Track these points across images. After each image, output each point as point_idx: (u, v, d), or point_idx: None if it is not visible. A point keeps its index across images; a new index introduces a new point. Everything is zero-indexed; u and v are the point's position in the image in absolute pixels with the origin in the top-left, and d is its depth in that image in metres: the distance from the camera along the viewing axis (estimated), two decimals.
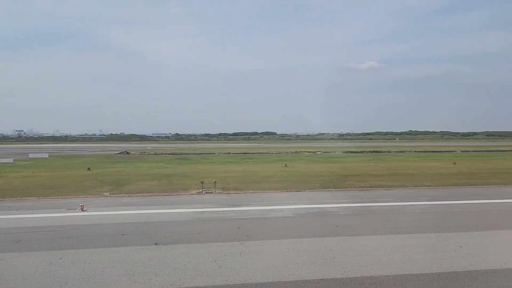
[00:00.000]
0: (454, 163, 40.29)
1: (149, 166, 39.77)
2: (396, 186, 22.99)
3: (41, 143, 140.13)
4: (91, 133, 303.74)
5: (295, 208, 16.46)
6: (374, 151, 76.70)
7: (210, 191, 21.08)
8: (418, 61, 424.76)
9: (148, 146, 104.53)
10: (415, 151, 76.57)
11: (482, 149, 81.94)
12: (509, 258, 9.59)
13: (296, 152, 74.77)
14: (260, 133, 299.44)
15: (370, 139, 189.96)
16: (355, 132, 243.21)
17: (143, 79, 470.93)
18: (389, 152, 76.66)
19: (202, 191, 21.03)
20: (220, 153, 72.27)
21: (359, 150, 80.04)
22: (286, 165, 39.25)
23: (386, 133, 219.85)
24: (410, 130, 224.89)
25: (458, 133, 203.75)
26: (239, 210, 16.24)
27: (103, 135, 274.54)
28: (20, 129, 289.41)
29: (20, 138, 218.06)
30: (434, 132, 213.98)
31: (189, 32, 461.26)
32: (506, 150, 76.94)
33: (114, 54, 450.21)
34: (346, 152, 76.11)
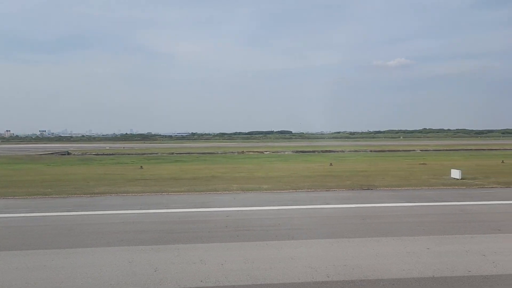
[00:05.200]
0: (331, 164, 37.79)
1: (23, 168, 39.97)
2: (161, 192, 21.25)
3: (35, 143, 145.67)
4: (120, 133, 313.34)
5: None
6: (325, 151, 74.14)
7: None
8: (450, 58, 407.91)
9: (107, 146, 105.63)
10: (371, 151, 73.14)
11: (461, 148, 76.68)
12: None
13: (242, 152, 73.39)
14: (275, 132, 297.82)
15: (374, 137, 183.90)
16: (366, 130, 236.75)
17: (169, 80, 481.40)
18: (343, 151, 73.78)
19: None
20: (164, 153, 71.80)
21: (313, 150, 77.49)
22: (141, 167, 37.88)
23: (397, 132, 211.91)
24: (424, 128, 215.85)
25: (472, 130, 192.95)
26: None
27: (122, 134, 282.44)
28: (43, 129, 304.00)
29: (36, 138, 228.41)
30: (448, 130, 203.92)
31: (212, 33, 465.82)
32: (485, 149, 71.78)
33: (145, 55, 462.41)
34: (297, 152, 74.01)
